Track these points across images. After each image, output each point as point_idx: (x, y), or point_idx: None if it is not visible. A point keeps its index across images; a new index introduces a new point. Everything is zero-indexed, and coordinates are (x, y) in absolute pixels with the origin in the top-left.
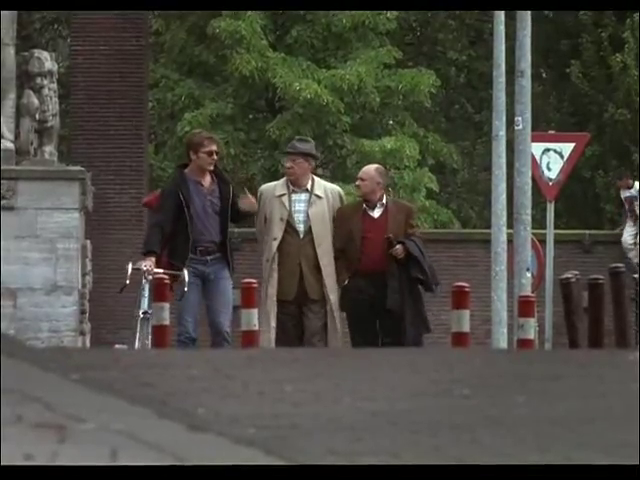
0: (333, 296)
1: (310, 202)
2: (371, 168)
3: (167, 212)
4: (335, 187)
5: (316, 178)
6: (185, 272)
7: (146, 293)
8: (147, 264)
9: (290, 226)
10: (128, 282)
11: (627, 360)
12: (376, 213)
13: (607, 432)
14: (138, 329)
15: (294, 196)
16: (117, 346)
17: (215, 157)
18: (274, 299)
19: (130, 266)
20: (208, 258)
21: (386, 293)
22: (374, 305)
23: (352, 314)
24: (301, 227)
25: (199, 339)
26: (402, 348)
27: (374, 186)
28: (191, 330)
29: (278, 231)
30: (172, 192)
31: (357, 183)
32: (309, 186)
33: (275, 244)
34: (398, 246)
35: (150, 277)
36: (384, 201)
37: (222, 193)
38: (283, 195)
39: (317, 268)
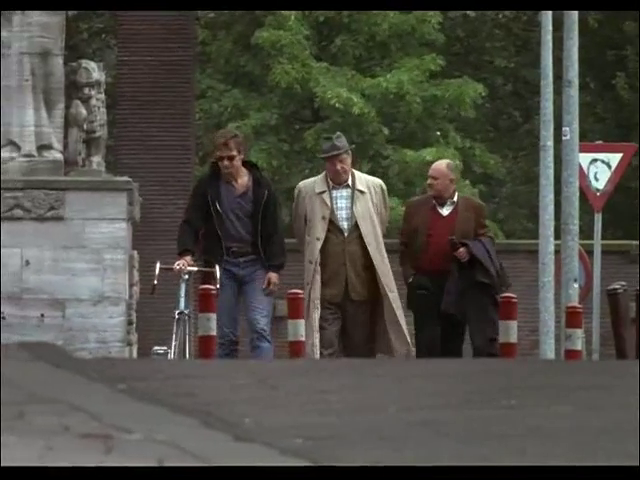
0: (392, 294)
1: (354, 199)
2: (442, 165)
3: (195, 210)
4: (377, 180)
5: (356, 172)
6: (217, 268)
7: (182, 293)
8: (179, 263)
9: (333, 225)
10: (156, 282)
11: None
12: (445, 211)
13: None
14: (174, 330)
15: (335, 192)
16: (156, 348)
17: (226, 163)
18: (317, 303)
19: (158, 265)
20: (241, 260)
21: None
22: (438, 305)
23: (416, 313)
24: (345, 225)
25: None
26: (449, 359)
27: (447, 183)
28: (229, 332)
29: (321, 231)
30: (200, 191)
31: (429, 182)
32: (350, 181)
33: (318, 245)
34: (462, 249)
35: (186, 276)
36: (455, 199)
37: (256, 196)
38: (324, 192)
39: (364, 268)
